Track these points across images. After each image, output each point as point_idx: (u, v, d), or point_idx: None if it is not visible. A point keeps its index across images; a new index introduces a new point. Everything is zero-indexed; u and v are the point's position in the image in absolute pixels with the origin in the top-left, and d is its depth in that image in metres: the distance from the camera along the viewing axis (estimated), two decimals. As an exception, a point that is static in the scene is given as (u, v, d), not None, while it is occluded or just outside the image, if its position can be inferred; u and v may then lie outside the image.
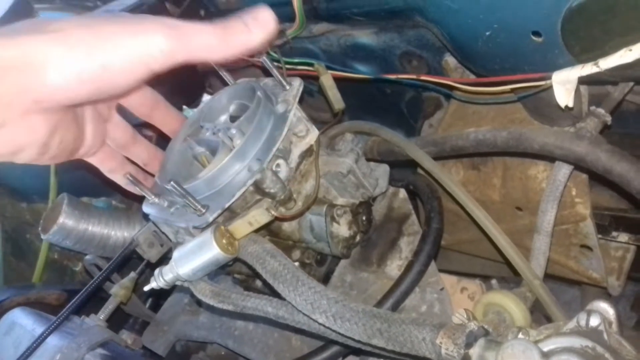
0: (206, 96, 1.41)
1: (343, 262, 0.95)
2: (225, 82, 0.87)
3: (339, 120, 1.05)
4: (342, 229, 0.85)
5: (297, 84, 0.82)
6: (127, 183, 0.79)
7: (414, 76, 1.00)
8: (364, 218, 0.91)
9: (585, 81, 0.75)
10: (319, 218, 0.82)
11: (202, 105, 0.89)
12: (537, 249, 0.90)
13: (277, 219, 0.77)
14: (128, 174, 0.77)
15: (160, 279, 0.76)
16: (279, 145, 0.77)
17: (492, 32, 0.78)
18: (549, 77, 0.76)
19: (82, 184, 1.37)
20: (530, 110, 0.93)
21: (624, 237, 1.02)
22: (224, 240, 0.73)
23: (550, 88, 0.77)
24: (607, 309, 0.57)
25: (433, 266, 0.87)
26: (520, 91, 0.84)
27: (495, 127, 0.89)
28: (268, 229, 0.84)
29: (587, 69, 0.72)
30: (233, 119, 0.85)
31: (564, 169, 0.86)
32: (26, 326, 1.04)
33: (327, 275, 0.94)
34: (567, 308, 1.13)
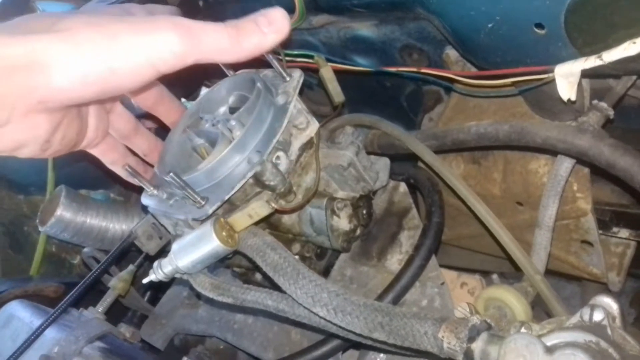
0: (204, 89, 1.40)
1: (343, 256, 0.94)
2: (224, 73, 0.87)
3: (339, 113, 1.04)
4: (343, 223, 0.84)
5: (298, 76, 0.81)
6: (128, 175, 0.78)
7: (414, 69, 0.99)
8: (364, 212, 0.90)
9: (588, 74, 0.75)
10: (319, 211, 0.82)
11: (201, 97, 0.89)
12: (538, 243, 0.90)
13: (277, 211, 0.76)
14: (126, 164, 0.77)
15: (159, 272, 0.75)
16: (279, 137, 0.76)
17: (495, 24, 0.77)
18: (551, 70, 0.76)
19: (80, 176, 1.37)
20: (532, 103, 0.92)
21: (624, 232, 1.01)
22: (224, 233, 0.72)
23: (552, 81, 0.76)
24: (611, 303, 0.57)
25: (434, 260, 0.86)
26: (521, 84, 0.83)
27: (496, 121, 0.88)
28: (268, 222, 0.84)
29: (591, 62, 0.72)
30: (233, 110, 0.85)
31: (565, 163, 0.86)
32: (24, 319, 1.04)
33: (327, 269, 0.94)
34: (567, 304, 1.12)
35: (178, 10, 0.87)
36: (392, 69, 1.05)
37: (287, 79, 0.81)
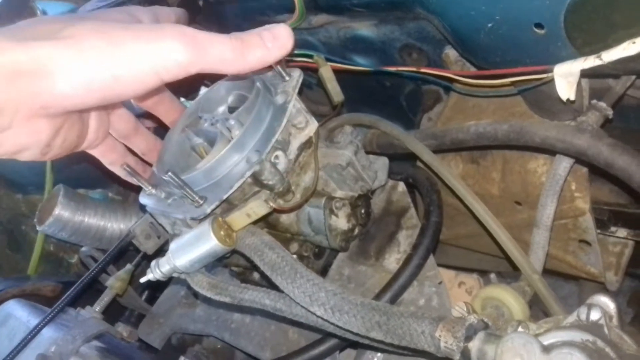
0: (204, 88, 1.40)
1: (341, 255, 0.94)
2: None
3: (338, 112, 1.04)
4: (341, 222, 0.84)
5: (297, 75, 0.81)
6: (127, 174, 0.78)
7: (414, 68, 0.99)
8: (363, 211, 0.90)
9: (588, 74, 0.75)
10: (317, 210, 0.82)
11: (200, 96, 0.89)
12: (536, 243, 0.90)
13: (275, 211, 0.76)
14: (125, 164, 0.77)
15: (156, 271, 0.75)
16: (277, 137, 0.76)
17: (494, 24, 0.77)
18: (550, 70, 0.76)
19: (79, 175, 1.36)
20: (531, 103, 0.92)
21: (622, 232, 1.01)
22: (222, 232, 0.72)
23: (551, 81, 0.76)
24: (608, 303, 0.57)
25: (431, 260, 0.86)
26: (521, 84, 0.83)
27: (495, 121, 0.88)
28: (266, 221, 0.84)
29: (590, 62, 0.72)
30: (232, 109, 0.85)
31: (564, 162, 0.86)
32: (21, 318, 1.04)
33: (325, 269, 0.94)
34: (564, 303, 1.12)
35: (184, 12, 0.86)
36: (392, 69, 1.05)
37: (287, 78, 0.81)
